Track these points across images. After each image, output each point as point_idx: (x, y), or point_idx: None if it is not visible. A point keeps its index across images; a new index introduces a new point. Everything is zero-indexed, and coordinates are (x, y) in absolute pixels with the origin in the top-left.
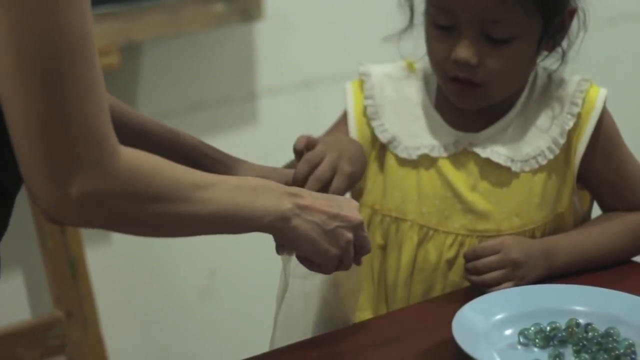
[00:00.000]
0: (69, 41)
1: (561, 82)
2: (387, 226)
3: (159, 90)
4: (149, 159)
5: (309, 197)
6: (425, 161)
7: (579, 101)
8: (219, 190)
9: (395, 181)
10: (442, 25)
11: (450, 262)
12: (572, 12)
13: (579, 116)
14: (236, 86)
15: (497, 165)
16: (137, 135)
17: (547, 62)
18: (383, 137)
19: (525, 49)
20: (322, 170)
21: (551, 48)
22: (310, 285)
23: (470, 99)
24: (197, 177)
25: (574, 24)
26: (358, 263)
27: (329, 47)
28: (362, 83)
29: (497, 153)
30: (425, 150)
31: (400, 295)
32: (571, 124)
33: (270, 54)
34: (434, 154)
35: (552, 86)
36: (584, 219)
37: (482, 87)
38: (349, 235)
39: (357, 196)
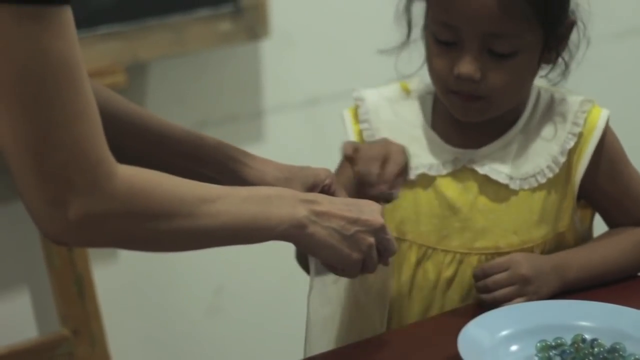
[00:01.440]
0: (53, 67)
1: (564, 102)
2: None
3: (165, 109)
4: (149, 176)
5: (327, 202)
6: (424, 180)
7: (581, 121)
8: (227, 203)
9: (393, 203)
10: (444, 41)
11: (449, 281)
12: (572, 23)
13: (580, 135)
14: (242, 104)
15: (496, 183)
16: (158, 140)
17: (551, 75)
18: None
19: (528, 62)
20: (376, 150)
21: (552, 61)
22: (335, 290)
23: (474, 111)
24: (202, 191)
25: (575, 36)
26: (386, 264)
27: (335, 65)
28: (356, 108)
29: (496, 170)
30: (423, 170)
31: (398, 314)
32: (572, 143)
33: (276, 72)
34: (432, 172)
35: (554, 106)
36: (584, 238)
37: (485, 99)
38: (370, 240)
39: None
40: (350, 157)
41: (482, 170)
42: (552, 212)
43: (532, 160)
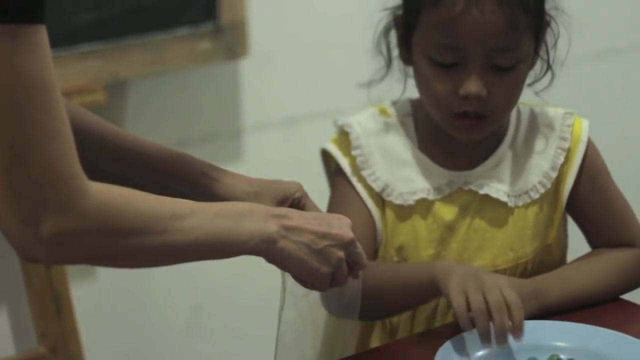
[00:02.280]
0: (27, 86)
1: (545, 115)
2: None
3: (144, 128)
4: (121, 193)
5: (297, 217)
6: (421, 205)
7: (568, 135)
8: (199, 218)
9: (392, 229)
10: (444, 64)
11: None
12: (546, 25)
13: (568, 150)
14: (221, 123)
15: (494, 201)
16: (131, 157)
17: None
18: (376, 186)
19: (526, 70)
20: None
21: (534, 64)
22: (306, 304)
23: (477, 132)
24: (174, 207)
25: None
26: (356, 277)
27: (314, 84)
28: (345, 135)
29: (495, 189)
30: (421, 195)
31: (403, 335)
32: (562, 158)
33: (255, 91)
34: (430, 197)
35: (537, 119)
36: (564, 247)
37: (489, 117)
38: (340, 254)
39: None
40: (462, 310)
41: (481, 190)
42: (543, 226)
43: (525, 177)
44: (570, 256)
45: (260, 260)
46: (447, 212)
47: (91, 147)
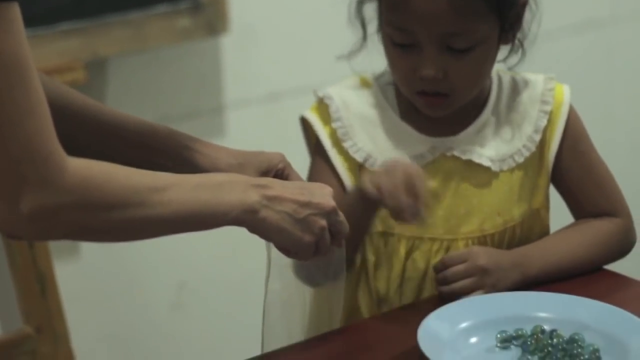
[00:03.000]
0: (3, 65)
1: (527, 82)
2: (376, 242)
3: (125, 105)
4: (100, 167)
5: (278, 187)
6: None
7: (550, 99)
8: (179, 191)
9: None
10: (401, 44)
11: None
12: (524, 3)
13: (551, 113)
14: (203, 100)
15: (478, 167)
16: (112, 132)
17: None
18: (358, 157)
19: (487, 51)
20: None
21: (510, 40)
22: (291, 274)
23: (441, 108)
24: (154, 180)
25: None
26: (339, 246)
27: (296, 59)
28: (325, 107)
29: (478, 154)
30: None
31: (391, 306)
32: (545, 121)
33: (237, 67)
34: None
35: (519, 86)
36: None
37: (450, 96)
38: (322, 222)
39: None
40: (377, 196)
41: (464, 156)
42: (529, 190)
43: (509, 142)
44: (555, 227)
45: (246, 235)
46: (431, 179)
47: (72, 122)
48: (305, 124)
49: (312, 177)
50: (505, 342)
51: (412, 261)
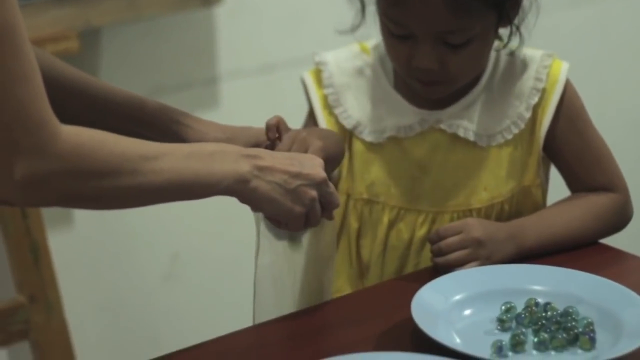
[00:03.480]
0: None
1: (524, 58)
2: (360, 209)
3: (118, 75)
4: (92, 135)
5: (269, 157)
6: (392, 143)
7: (544, 76)
8: (170, 159)
9: (363, 165)
10: (397, 34)
11: (423, 240)
12: None
13: (543, 91)
14: (197, 70)
15: (465, 141)
16: (101, 105)
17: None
18: (347, 124)
19: (485, 42)
20: (294, 149)
21: (509, 23)
22: (282, 247)
23: (437, 93)
24: (145, 149)
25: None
26: (330, 218)
27: (290, 30)
28: (319, 72)
29: (464, 128)
30: (391, 132)
31: (373, 274)
32: (536, 99)
33: (231, 37)
34: (401, 134)
35: (515, 62)
36: (545, 193)
37: (448, 82)
38: (313, 193)
39: (336, 184)
40: (273, 127)
41: (450, 129)
42: (518, 167)
43: (498, 117)
44: (551, 200)
45: (240, 207)
46: (418, 150)
47: (62, 94)
48: (304, 86)
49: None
50: (508, 312)
51: (396, 231)
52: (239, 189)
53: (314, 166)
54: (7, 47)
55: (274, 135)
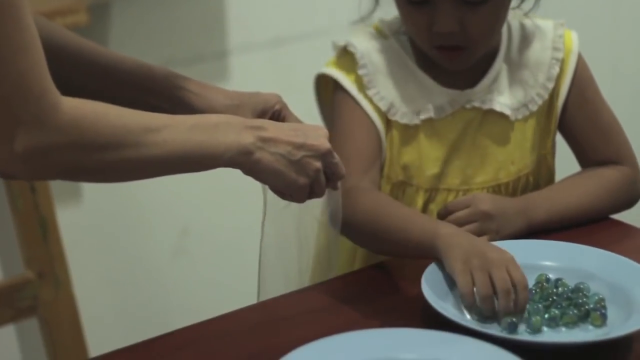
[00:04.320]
0: None
1: (536, 28)
2: (395, 192)
3: (128, 49)
4: (94, 107)
5: (273, 128)
6: (427, 125)
7: (561, 46)
8: (173, 131)
9: (397, 148)
10: (415, 1)
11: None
12: None
13: (562, 61)
14: (207, 44)
15: (497, 116)
16: (109, 73)
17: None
18: (382, 105)
19: (502, 1)
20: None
21: None
22: (287, 216)
23: (460, 61)
24: (148, 120)
25: None
26: (334, 188)
27: (301, 4)
28: (350, 56)
29: (499, 103)
30: (427, 114)
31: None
32: (557, 69)
33: (241, 10)
34: (435, 116)
35: (528, 32)
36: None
37: (468, 48)
38: (317, 164)
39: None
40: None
41: (485, 105)
42: (540, 138)
43: (523, 90)
44: (561, 175)
45: (249, 182)
46: (451, 131)
47: (67, 63)
48: (320, 82)
49: (342, 122)
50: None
51: (429, 213)
52: (243, 160)
53: (318, 137)
54: (6, 18)
55: None
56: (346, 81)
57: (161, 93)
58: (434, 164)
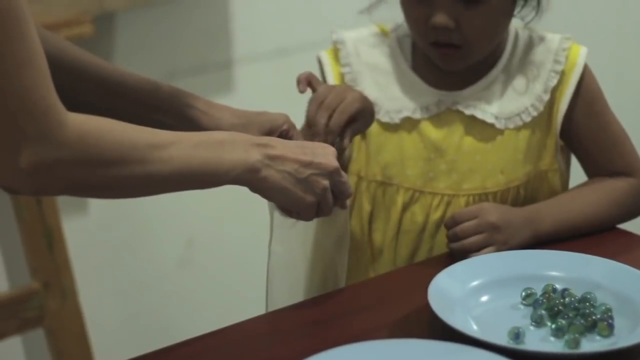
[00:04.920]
0: (0, 18)
1: (543, 41)
2: (373, 191)
3: (133, 60)
4: (99, 123)
5: (280, 146)
6: (407, 124)
7: (562, 59)
8: (179, 148)
9: (378, 146)
10: None
11: (438, 223)
12: None
13: (562, 73)
14: (212, 54)
15: (482, 123)
16: (115, 90)
17: (524, 13)
18: None
19: (502, 3)
20: (330, 98)
21: None
22: (294, 235)
23: (455, 60)
24: (154, 137)
25: None
26: (343, 207)
27: (305, 14)
28: (337, 51)
29: (482, 110)
30: (407, 113)
31: (387, 258)
32: (555, 81)
33: (246, 21)
34: (416, 115)
35: (534, 45)
36: (565, 179)
37: (464, 48)
38: (324, 183)
39: (346, 165)
40: (304, 81)
41: (467, 111)
42: (535, 151)
43: (516, 100)
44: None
45: (253, 194)
46: (434, 132)
47: (74, 78)
48: (319, 65)
49: None
50: (529, 298)
51: (410, 214)
52: (249, 178)
53: (326, 155)
54: (10, 32)
55: (304, 88)
56: (330, 74)
57: (167, 110)
58: (415, 164)
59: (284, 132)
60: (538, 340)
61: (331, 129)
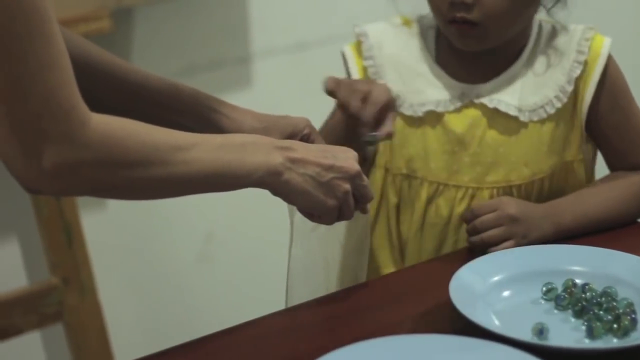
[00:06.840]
0: (25, 19)
1: (566, 31)
2: (399, 184)
3: (151, 55)
4: (123, 124)
5: (302, 149)
6: (431, 117)
7: (586, 49)
8: (202, 150)
9: (402, 140)
10: None
11: None
12: None
13: (585, 63)
14: (230, 49)
15: (505, 115)
16: (136, 92)
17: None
18: None
19: None
20: (361, 86)
21: None
22: (315, 239)
23: (471, 39)
24: (177, 139)
25: None
26: (364, 211)
27: (323, 8)
28: (359, 44)
29: (505, 103)
30: (430, 107)
31: (412, 250)
32: (578, 71)
33: (264, 16)
34: (440, 109)
35: (557, 36)
36: (590, 170)
37: (480, 26)
38: (346, 186)
39: (372, 158)
40: (332, 90)
41: (490, 103)
42: (560, 142)
43: (540, 92)
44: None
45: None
46: (457, 124)
47: (95, 80)
48: (343, 59)
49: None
50: (550, 293)
51: (435, 207)
52: (271, 181)
53: (347, 159)
54: (35, 33)
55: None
56: (354, 67)
57: (188, 113)
58: (439, 157)
59: (305, 136)
60: (561, 335)
61: (366, 118)
